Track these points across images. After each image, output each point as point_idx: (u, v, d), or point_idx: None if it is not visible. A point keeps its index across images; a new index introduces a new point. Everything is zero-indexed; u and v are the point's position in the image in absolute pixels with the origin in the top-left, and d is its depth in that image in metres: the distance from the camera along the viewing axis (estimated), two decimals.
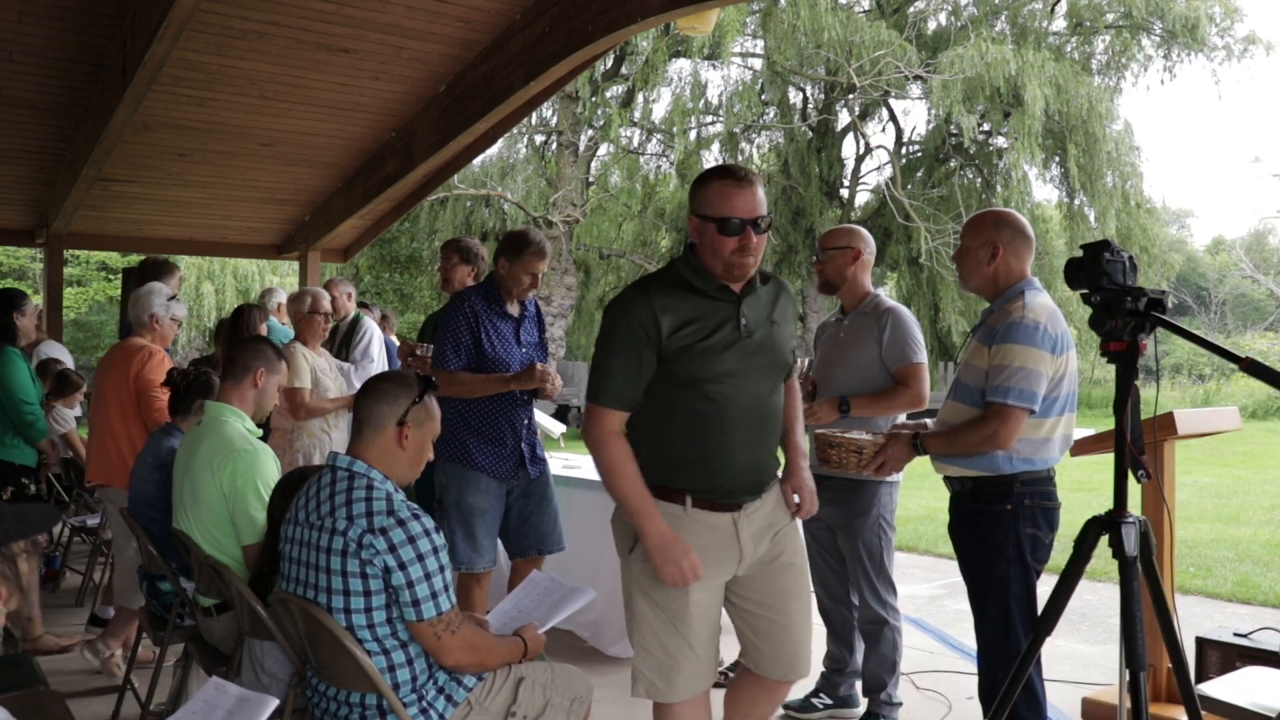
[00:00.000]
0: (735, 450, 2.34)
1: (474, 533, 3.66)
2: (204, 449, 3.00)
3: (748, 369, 2.34)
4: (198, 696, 2.09)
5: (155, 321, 4.15)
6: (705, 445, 2.33)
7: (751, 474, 2.39)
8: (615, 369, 2.30)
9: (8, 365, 4.47)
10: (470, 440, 3.67)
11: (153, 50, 4.34)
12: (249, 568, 2.88)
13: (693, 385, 2.31)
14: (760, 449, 2.41)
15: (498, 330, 3.72)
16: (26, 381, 4.55)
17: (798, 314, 2.50)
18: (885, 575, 3.49)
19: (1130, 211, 19.50)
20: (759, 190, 2.30)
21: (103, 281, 21.83)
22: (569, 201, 20.98)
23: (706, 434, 2.32)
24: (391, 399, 2.31)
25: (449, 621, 2.17)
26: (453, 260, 4.60)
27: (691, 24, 5.40)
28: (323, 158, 7.16)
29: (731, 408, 2.32)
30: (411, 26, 5.22)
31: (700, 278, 2.33)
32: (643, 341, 2.28)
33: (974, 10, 20.29)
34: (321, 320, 4.78)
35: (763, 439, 2.41)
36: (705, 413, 2.32)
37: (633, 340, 2.28)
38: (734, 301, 2.35)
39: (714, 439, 2.33)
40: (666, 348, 2.29)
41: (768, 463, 2.47)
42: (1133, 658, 2.10)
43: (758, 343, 2.36)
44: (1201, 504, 9.41)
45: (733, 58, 20.01)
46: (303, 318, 4.79)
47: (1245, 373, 2.01)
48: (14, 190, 7.53)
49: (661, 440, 2.36)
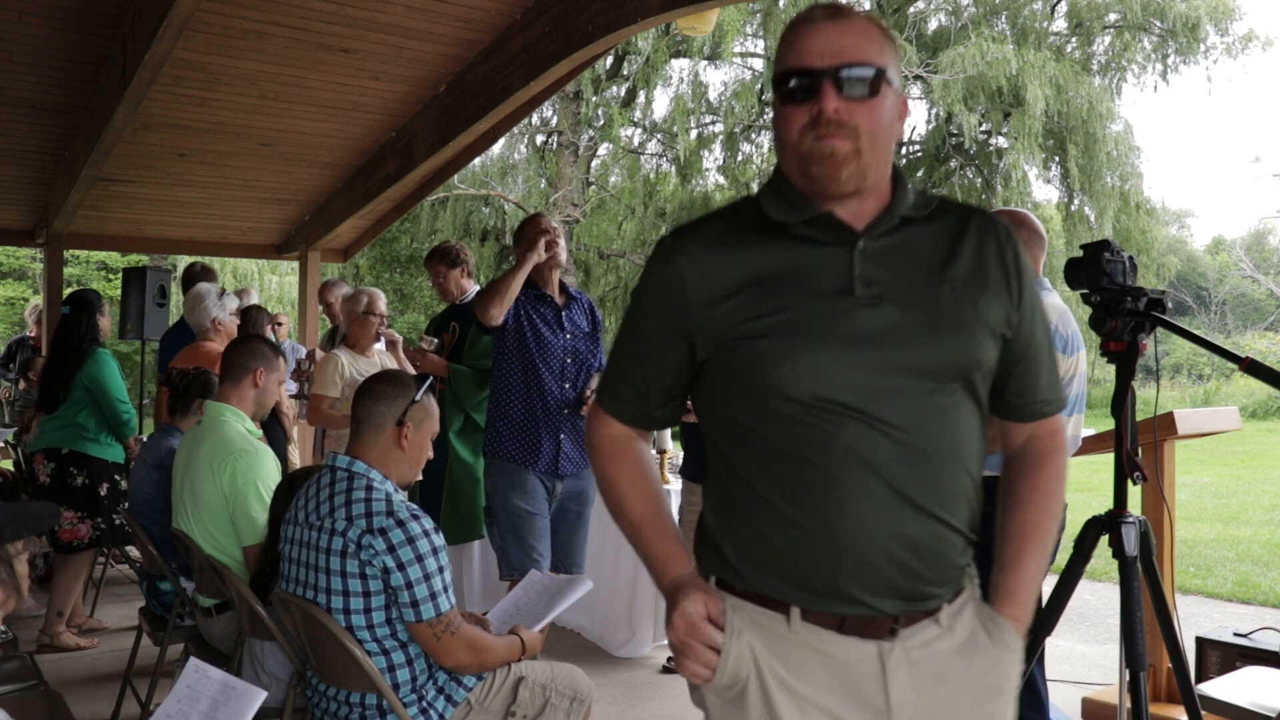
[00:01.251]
0: (851, 519, 1.29)
1: (524, 537, 3.48)
2: (204, 449, 3.00)
3: (870, 369, 1.29)
4: (180, 682, 2.05)
5: (218, 324, 4.35)
6: (800, 511, 1.31)
7: (895, 566, 1.31)
8: (619, 359, 1.50)
9: (102, 365, 4.64)
10: (502, 426, 3.56)
11: (153, 50, 4.33)
12: (249, 569, 2.88)
13: (763, 400, 1.31)
14: (914, 519, 1.31)
15: (539, 313, 3.61)
16: (119, 379, 4.72)
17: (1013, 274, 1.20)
18: None
19: (1130, 212, 19.50)
20: (857, 26, 1.31)
21: (103, 281, 21.83)
22: (569, 201, 20.98)
23: (798, 491, 1.31)
24: (390, 399, 2.31)
25: (449, 622, 2.16)
26: (439, 270, 4.60)
27: (691, 24, 5.40)
28: (323, 158, 7.15)
29: (838, 444, 1.29)
30: (411, 26, 5.22)
31: (782, 203, 1.36)
32: (663, 321, 1.40)
33: (974, 10, 20.28)
34: (376, 321, 4.52)
35: (917, 499, 1.31)
36: (792, 453, 1.31)
37: (648, 319, 1.43)
38: (843, 243, 1.33)
39: (811, 500, 1.30)
40: (708, 332, 1.35)
41: (939, 546, 1.35)
42: (1133, 658, 2.10)
43: (893, 321, 1.30)
44: (1201, 504, 9.40)
45: (733, 58, 20.02)
46: (356, 318, 4.53)
47: (1245, 373, 2.01)
48: (14, 190, 7.52)
49: (726, 500, 1.39)
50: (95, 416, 4.63)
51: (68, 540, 4.51)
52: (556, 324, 3.62)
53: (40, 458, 4.59)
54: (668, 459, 4.56)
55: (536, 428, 3.52)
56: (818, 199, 1.33)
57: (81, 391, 4.61)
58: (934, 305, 1.32)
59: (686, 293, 1.37)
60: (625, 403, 1.50)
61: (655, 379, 1.46)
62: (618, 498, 1.50)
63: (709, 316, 1.35)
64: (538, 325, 3.57)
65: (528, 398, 3.54)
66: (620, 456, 1.51)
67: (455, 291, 4.77)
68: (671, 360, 1.43)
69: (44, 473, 4.54)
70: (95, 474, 4.60)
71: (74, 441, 4.56)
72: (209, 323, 4.34)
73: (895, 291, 1.32)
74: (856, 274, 1.31)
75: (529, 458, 3.51)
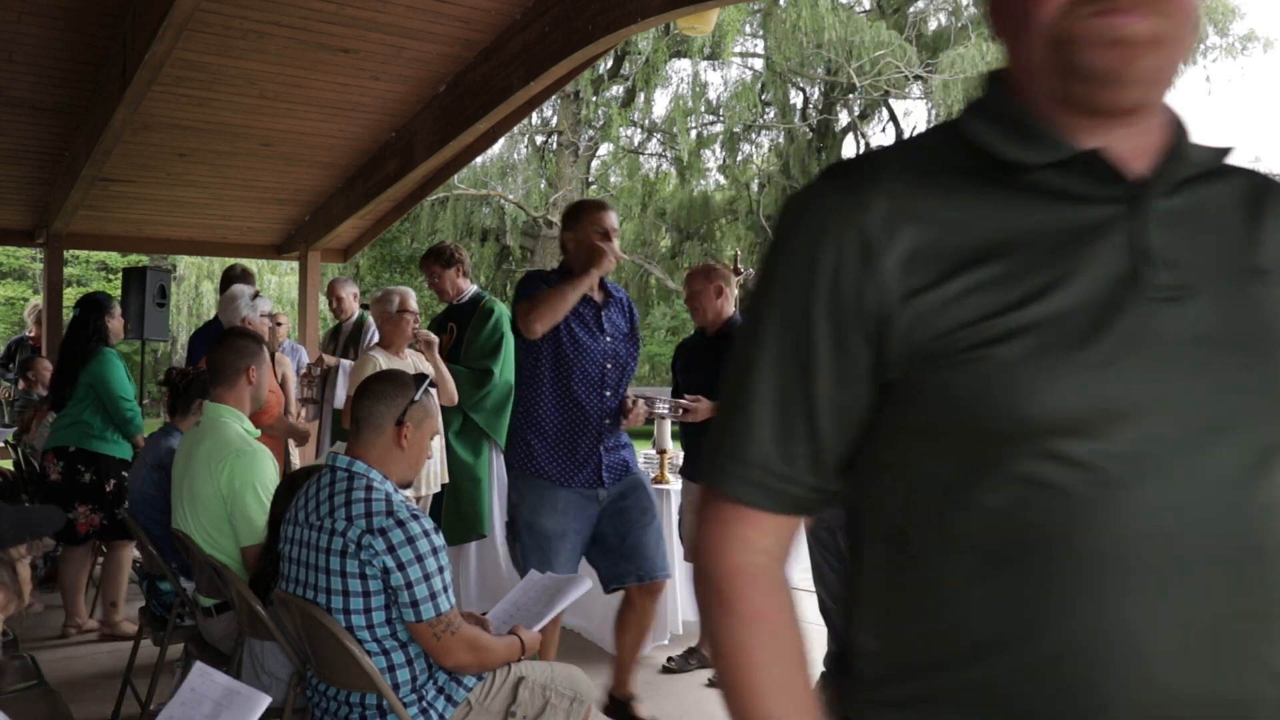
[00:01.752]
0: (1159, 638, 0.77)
1: (549, 560, 3.08)
2: (202, 449, 3.00)
3: (1190, 401, 0.78)
4: (185, 685, 2.05)
5: (248, 324, 4.37)
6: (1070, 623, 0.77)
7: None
8: (755, 397, 0.86)
9: (106, 363, 4.73)
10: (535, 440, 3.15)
11: (153, 50, 4.34)
12: (248, 570, 2.88)
13: (1001, 448, 0.79)
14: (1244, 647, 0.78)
15: (576, 314, 3.15)
16: (124, 378, 4.79)
17: None
18: None
19: None
20: None
21: (103, 281, 21.84)
22: (569, 201, 20.98)
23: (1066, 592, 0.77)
24: (389, 399, 2.31)
25: (449, 622, 2.16)
26: (435, 270, 4.59)
27: (691, 24, 5.40)
28: (323, 158, 7.16)
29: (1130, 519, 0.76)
30: (411, 26, 5.22)
31: (1012, 134, 0.85)
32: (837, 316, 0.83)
33: (974, 10, 20.29)
34: (410, 319, 4.31)
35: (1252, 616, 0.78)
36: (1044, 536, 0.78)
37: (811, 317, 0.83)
38: (1122, 198, 0.83)
39: (1085, 604, 0.77)
40: (908, 334, 0.81)
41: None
42: None
43: (1211, 328, 0.81)
44: None
45: (733, 58, 20.03)
46: (389, 318, 4.34)
47: None
48: (14, 190, 7.53)
49: (928, 606, 0.84)
50: (100, 414, 4.69)
51: (84, 531, 4.60)
52: (596, 326, 3.20)
53: (51, 456, 4.67)
54: (668, 459, 4.56)
55: (574, 442, 3.14)
56: (1077, 127, 0.83)
57: (86, 389, 4.68)
58: (1258, 309, 0.83)
59: (883, 263, 0.81)
60: (767, 464, 0.86)
61: (830, 419, 0.85)
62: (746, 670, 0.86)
63: (915, 308, 0.80)
64: (574, 329, 3.15)
65: (564, 408, 3.15)
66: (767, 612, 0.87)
67: (451, 292, 4.77)
68: (854, 386, 0.84)
69: (55, 471, 4.62)
70: (103, 470, 4.67)
71: (81, 439, 4.64)
72: (239, 322, 4.40)
73: (1205, 281, 0.82)
74: (1153, 249, 0.81)
75: (565, 475, 3.13)
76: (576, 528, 3.10)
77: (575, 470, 3.10)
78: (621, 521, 3.16)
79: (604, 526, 3.17)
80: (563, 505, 3.08)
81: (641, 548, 3.14)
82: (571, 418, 3.13)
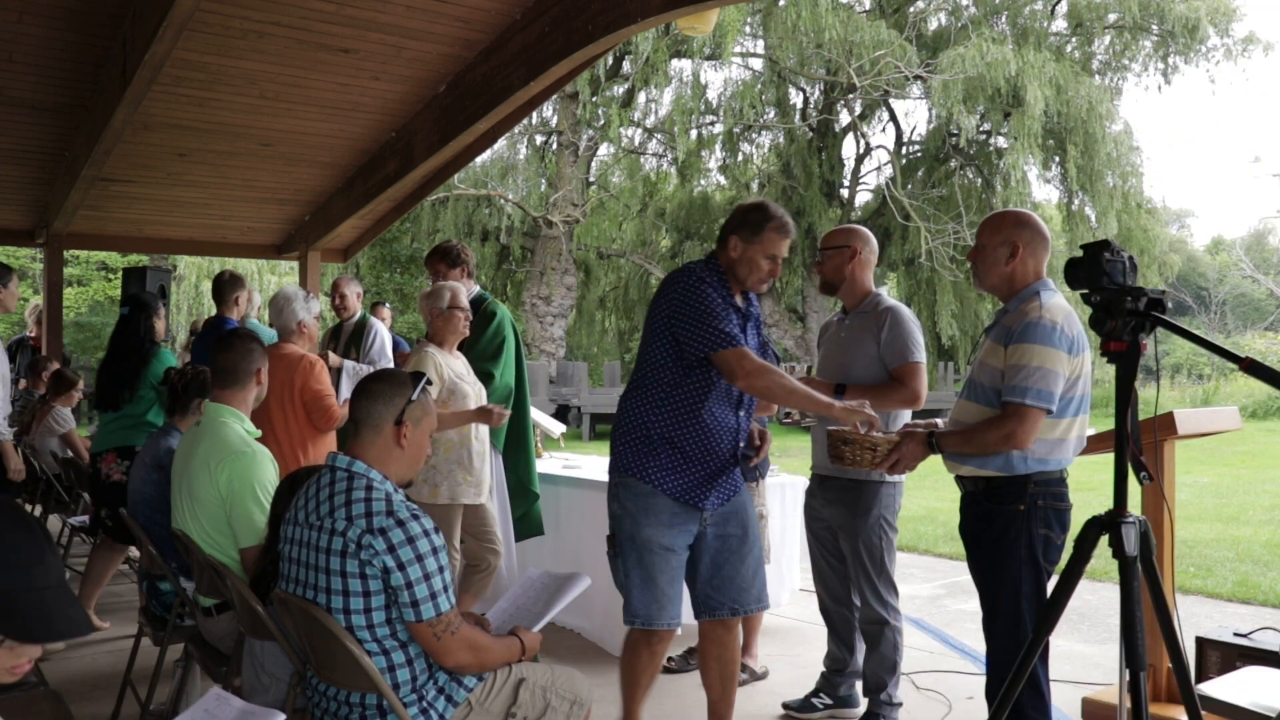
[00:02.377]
0: None
1: (653, 577, 2.89)
2: (202, 450, 3.00)
3: None
4: (197, 705, 2.05)
5: (303, 327, 4.37)
6: None
7: None
8: None
9: (166, 364, 4.79)
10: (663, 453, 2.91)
11: (153, 50, 4.34)
12: (247, 571, 2.87)
13: None
14: None
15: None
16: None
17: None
18: (886, 576, 3.49)
19: (1130, 211, 19.52)
20: None
21: (103, 281, 21.85)
22: (569, 201, 20.98)
23: None
24: (388, 399, 2.31)
25: (449, 622, 2.16)
26: (440, 269, 4.57)
27: (691, 24, 5.40)
28: (323, 158, 7.16)
29: None
30: (411, 26, 5.22)
31: None
32: None
33: (974, 10, 20.29)
34: (462, 316, 4.15)
35: None
36: None
37: None
38: None
39: None
40: None
41: None
42: (1133, 658, 2.10)
43: None
44: (1201, 504, 9.40)
45: (733, 58, 20.02)
46: (439, 314, 4.15)
47: (1245, 373, 2.01)
48: (14, 190, 7.53)
49: None
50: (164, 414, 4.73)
51: None
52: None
53: (111, 456, 4.68)
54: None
55: (709, 463, 2.93)
56: None
57: (149, 390, 4.73)
58: None
59: None
60: None
61: None
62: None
63: None
64: None
65: (705, 427, 2.91)
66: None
67: None
68: None
69: (118, 470, 4.63)
70: None
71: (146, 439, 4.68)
72: (294, 324, 4.35)
73: None
74: None
75: (683, 492, 2.92)
76: (682, 543, 2.92)
77: (694, 493, 2.91)
78: (721, 547, 2.98)
79: (702, 548, 2.99)
80: (669, 517, 2.89)
81: (738, 578, 2.98)
82: (710, 439, 2.92)
